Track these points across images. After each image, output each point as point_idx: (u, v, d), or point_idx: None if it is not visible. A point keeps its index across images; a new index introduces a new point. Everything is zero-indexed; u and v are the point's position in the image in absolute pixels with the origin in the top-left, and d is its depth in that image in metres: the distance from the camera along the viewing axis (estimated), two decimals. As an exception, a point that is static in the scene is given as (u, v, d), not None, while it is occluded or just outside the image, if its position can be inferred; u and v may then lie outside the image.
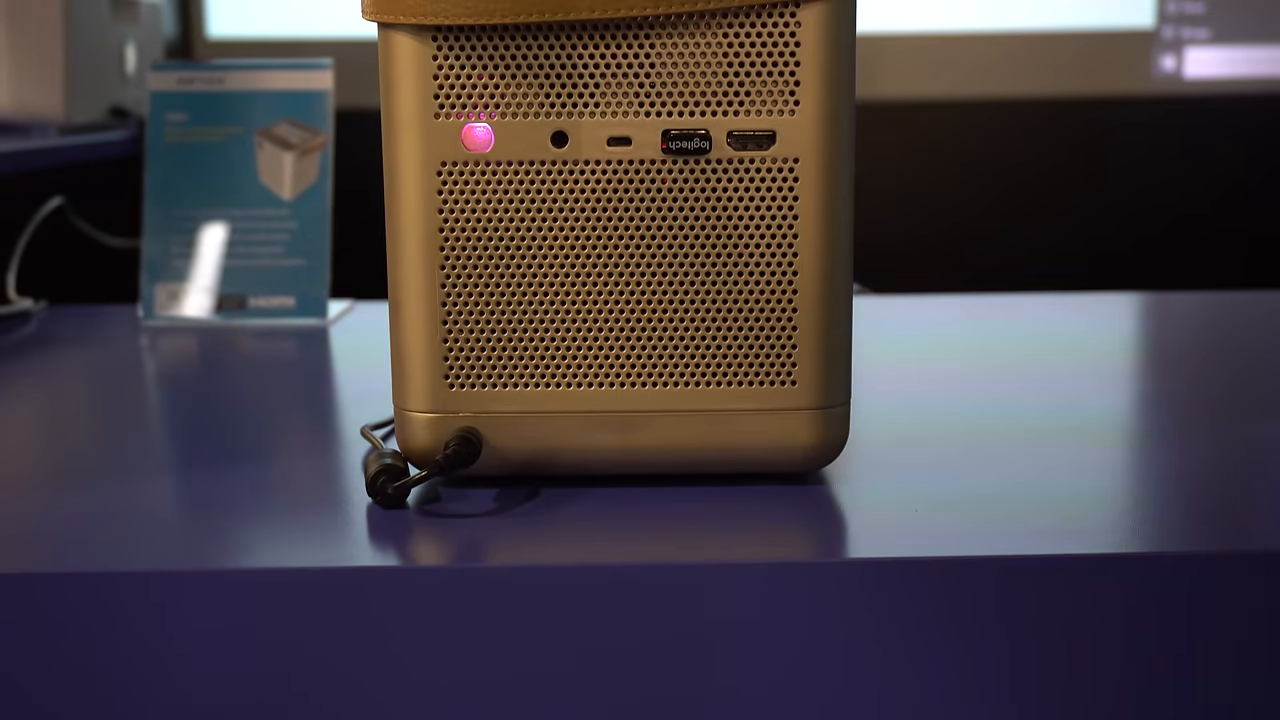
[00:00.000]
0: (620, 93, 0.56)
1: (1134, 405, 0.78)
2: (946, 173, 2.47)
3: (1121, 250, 2.47)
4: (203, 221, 1.01)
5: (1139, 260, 2.47)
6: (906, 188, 2.44)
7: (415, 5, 0.55)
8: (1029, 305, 1.07)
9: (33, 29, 1.40)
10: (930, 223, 2.46)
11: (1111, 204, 2.47)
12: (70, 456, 0.68)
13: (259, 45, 2.42)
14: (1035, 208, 2.48)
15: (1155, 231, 2.46)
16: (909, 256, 2.40)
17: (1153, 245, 2.46)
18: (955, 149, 2.47)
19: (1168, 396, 0.79)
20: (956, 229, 2.47)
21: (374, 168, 0.61)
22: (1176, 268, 2.45)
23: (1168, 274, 2.44)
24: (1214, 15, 2.42)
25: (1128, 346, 0.98)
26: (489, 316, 0.58)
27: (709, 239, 0.57)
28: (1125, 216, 2.47)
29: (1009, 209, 2.48)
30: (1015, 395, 0.77)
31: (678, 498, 0.58)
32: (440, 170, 0.57)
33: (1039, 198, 2.48)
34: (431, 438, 0.58)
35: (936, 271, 2.42)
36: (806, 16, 0.55)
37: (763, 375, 0.58)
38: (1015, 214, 2.48)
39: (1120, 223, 2.47)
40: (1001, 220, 2.48)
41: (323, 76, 1.01)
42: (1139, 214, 2.47)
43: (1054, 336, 0.94)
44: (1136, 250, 2.47)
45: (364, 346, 0.93)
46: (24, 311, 1.05)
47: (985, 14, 2.43)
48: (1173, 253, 2.46)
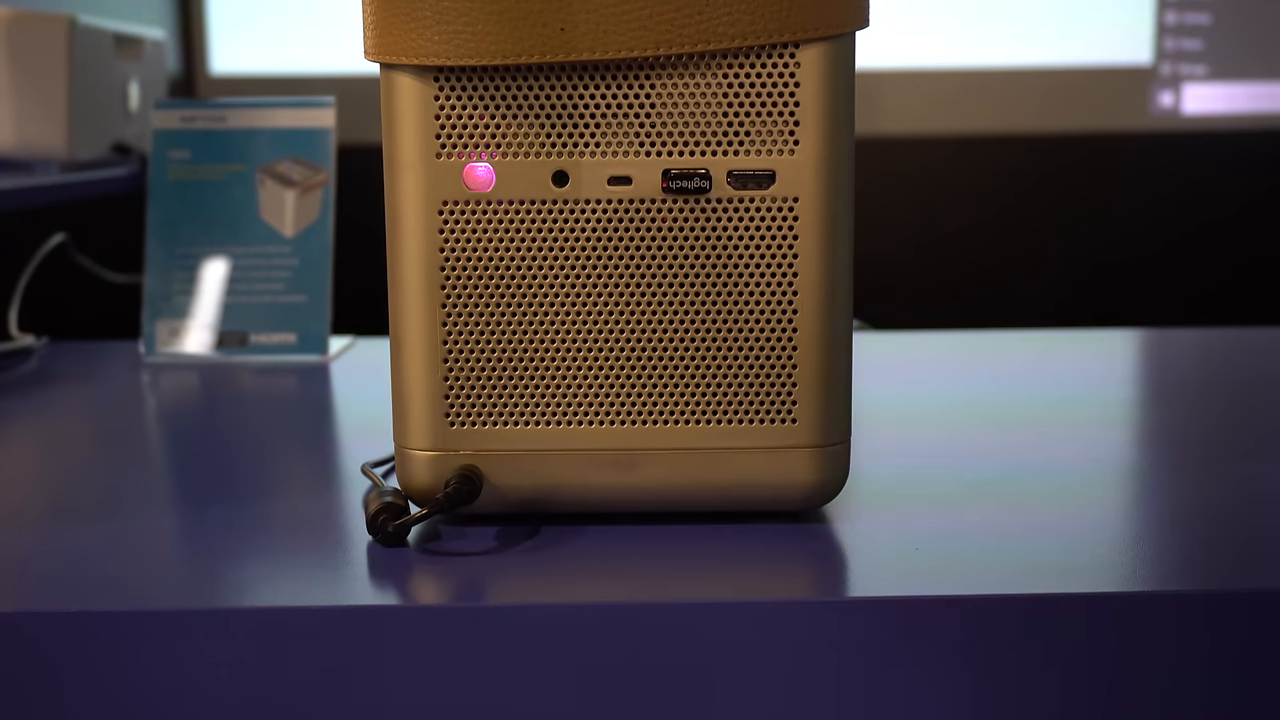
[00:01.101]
0: (621, 133, 0.57)
1: (1132, 442, 0.78)
2: (948, 207, 2.48)
3: (1121, 284, 2.47)
4: (205, 258, 1.02)
5: (1138, 295, 2.47)
6: (907, 222, 2.44)
7: (417, 46, 0.55)
8: (1028, 342, 1.07)
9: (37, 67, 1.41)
10: (930, 256, 2.47)
11: (1112, 238, 2.48)
12: (70, 494, 0.68)
13: (261, 81, 2.43)
14: (1036, 242, 2.48)
15: (1154, 266, 2.47)
16: (908, 290, 2.40)
17: (1152, 280, 2.47)
18: (957, 184, 2.48)
19: (1166, 433, 0.79)
20: (957, 263, 2.48)
21: (375, 203, 0.61)
22: (1176, 303, 2.46)
23: (1168, 309, 2.44)
24: (1212, 52, 2.44)
25: (1127, 383, 0.98)
26: (490, 355, 0.58)
27: (709, 278, 0.57)
28: (1125, 251, 2.48)
29: (1010, 243, 2.48)
30: (1014, 433, 0.77)
31: (678, 535, 0.58)
32: (442, 209, 0.57)
33: (1040, 232, 2.48)
34: (432, 476, 0.58)
35: (936, 305, 2.43)
36: (806, 57, 0.56)
37: (763, 413, 0.58)
38: (1016, 248, 2.49)
39: (1120, 257, 2.48)
40: (1002, 254, 2.48)
41: (325, 114, 1.02)
42: (1139, 249, 2.47)
43: (1053, 374, 0.94)
44: (1136, 285, 2.47)
45: (365, 383, 0.93)
46: (26, 348, 1.05)
47: (986, 51, 2.44)
48: (1172, 288, 2.46)
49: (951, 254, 2.47)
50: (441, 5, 0.55)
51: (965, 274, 2.47)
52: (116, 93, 1.57)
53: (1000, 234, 2.48)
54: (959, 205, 2.47)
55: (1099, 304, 2.47)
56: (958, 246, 2.48)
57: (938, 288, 2.46)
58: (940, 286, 2.47)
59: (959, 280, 2.47)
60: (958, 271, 2.47)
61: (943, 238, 2.47)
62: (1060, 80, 2.44)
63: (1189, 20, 2.43)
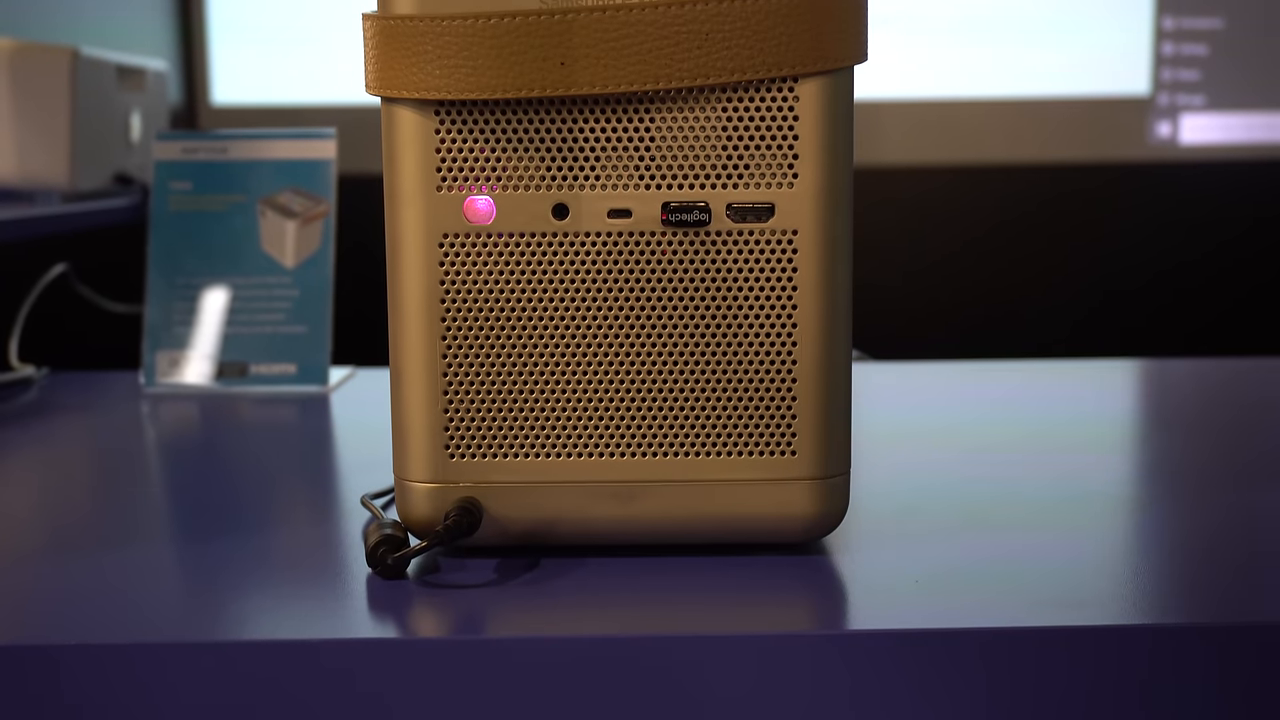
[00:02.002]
0: (620, 165, 0.57)
1: (1133, 474, 0.78)
2: (945, 237, 2.48)
3: (1119, 314, 2.48)
4: (205, 289, 1.02)
5: (1136, 324, 2.48)
6: (904, 251, 2.45)
7: (418, 81, 0.56)
8: (1027, 372, 1.08)
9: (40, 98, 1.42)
10: (928, 286, 2.47)
11: (1109, 268, 2.49)
12: (70, 526, 0.68)
13: (262, 112, 2.44)
14: (1034, 271, 2.49)
15: (1151, 296, 2.47)
16: (906, 318, 2.41)
17: (1149, 309, 2.47)
18: (954, 213, 2.49)
19: (1166, 465, 0.79)
20: (955, 292, 2.48)
21: (375, 232, 0.62)
22: (1174, 332, 2.46)
23: (1166, 338, 2.44)
24: (1209, 82, 2.45)
25: (1126, 414, 0.98)
26: (490, 387, 0.58)
27: (709, 310, 0.57)
28: (1122, 281, 2.48)
29: (1008, 272, 2.49)
30: (1014, 464, 0.77)
31: (678, 568, 0.58)
32: (442, 242, 0.57)
33: (1038, 262, 2.49)
34: (432, 508, 0.58)
35: (935, 334, 2.43)
36: (805, 91, 0.56)
37: (762, 445, 0.58)
38: (1014, 277, 2.49)
39: (1117, 287, 2.48)
40: (1000, 284, 2.49)
41: (326, 146, 1.02)
42: (1136, 278, 2.48)
43: (1053, 404, 0.94)
44: (1134, 314, 2.48)
45: (365, 414, 0.93)
46: (26, 378, 1.05)
47: (984, 81, 2.45)
48: (1170, 317, 2.47)
49: (949, 283, 2.48)
50: (442, 40, 0.55)
51: (963, 303, 2.48)
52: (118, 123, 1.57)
53: (998, 264, 2.49)
54: (957, 235, 2.48)
55: (1097, 334, 2.47)
56: (955, 276, 2.48)
57: (935, 317, 2.47)
58: (938, 315, 2.47)
59: (957, 309, 2.48)
60: (955, 301, 2.48)
61: (940, 267, 2.48)
62: (1058, 110, 2.45)
63: (1186, 51, 2.44)
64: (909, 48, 2.43)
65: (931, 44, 2.43)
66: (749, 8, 0.55)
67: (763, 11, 0.55)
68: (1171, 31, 2.44)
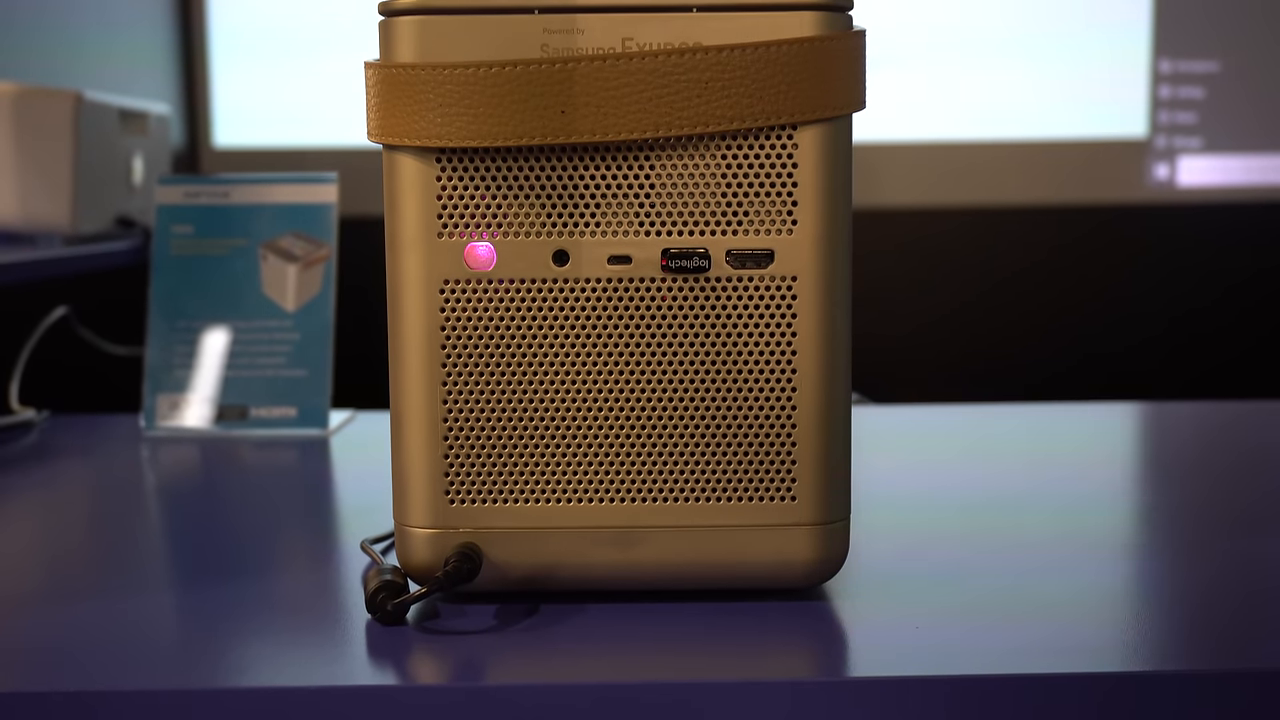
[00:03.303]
0: (620, 212, 0.57)
1: (1134, 518, 0.78)
2: (944, 279, 2.49)
3: (1118, 356, 2.48)
4: (206, 332, 1.02)
5: (1135, 366, 2.48)
6: (902, 293, 2.46)
7: (420, 128, 0.56)
8: (1027, 415, 1.08)
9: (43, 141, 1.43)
10: (927, 328, 2.47)
11: (1108, 310, 2.49)
12: (69, 571, 0.68)
13: (264, 154, 2.45)
14: (1033, 313, 2.49)
15: (1151, 338, 2.48)
16: (905, 361, 2.41)
17: (1148, 351, 2.48)
18: (952, 256, 2.49)
19: (1168, 509, 0.79)
20: (953, 334, 2.48)
21: (376, 274, 0.62)
22: (1173, 375, 2.46)
23: (1165, 381, 2.45)
24: (1206, 125, 2.46)
25: (1126, 457, 0.98)
26: (490, 433, 0.58)
27: (708, 356, 0.58)
28: (1121, 323, 2.49)
29: (1007, 314, 2.49)
30: (1015, 508, 0.77)
31: (678, 614, 0.58)
32: (443, 288, 0.57)
33: (1037, 304, 2.49)
34: (431, 553, 0.58)
35: (934, 376, 2.43)
36: (804, 138, 0.57)
37: (763, 491, 0.58)
38: (1013, 319, 2.49)
39: (1116, 329, 2.49)
40: (999, 326, 2.49)
41: (327, 190, 1.03)
42: (1135, 320, 2.48)
43: (1053, 447, 0.94)
44: (1133, 356, 2.48)
45: (365, 457, 0.93)
46: (26, 422, 1.05)
47: (982, 124, 2.47)
48: (1169, 360, 2.47)
49: (948, 325, 2.48)
50: (444, 89, 0.56)
51: (962, 345, 2.48)
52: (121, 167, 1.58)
53: (997, 305, 2.49)
54: (955, 277, 2.49)
55: (1096, 376, 2.47)
56: (954, 318, 2.48)
57: (934, 359, 2.47)
58: (936, 357, 2.47)
59: (955, 351, 2.48)
60: (954, 343, 2.48)
61: (939, 309, 2.48)
62: (1056, 153, 2.46)
63: (1183, 94, 2.46)
64: (906, 90, 2.44)
65: (929, 87, 2.45)
66: (748, 57, 0.55)
67: (762, 60, 0.55)
68: (1168, 75, 2.45)
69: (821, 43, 0.56)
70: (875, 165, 2.42)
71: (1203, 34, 2.45)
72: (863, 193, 0.63)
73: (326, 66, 2.40)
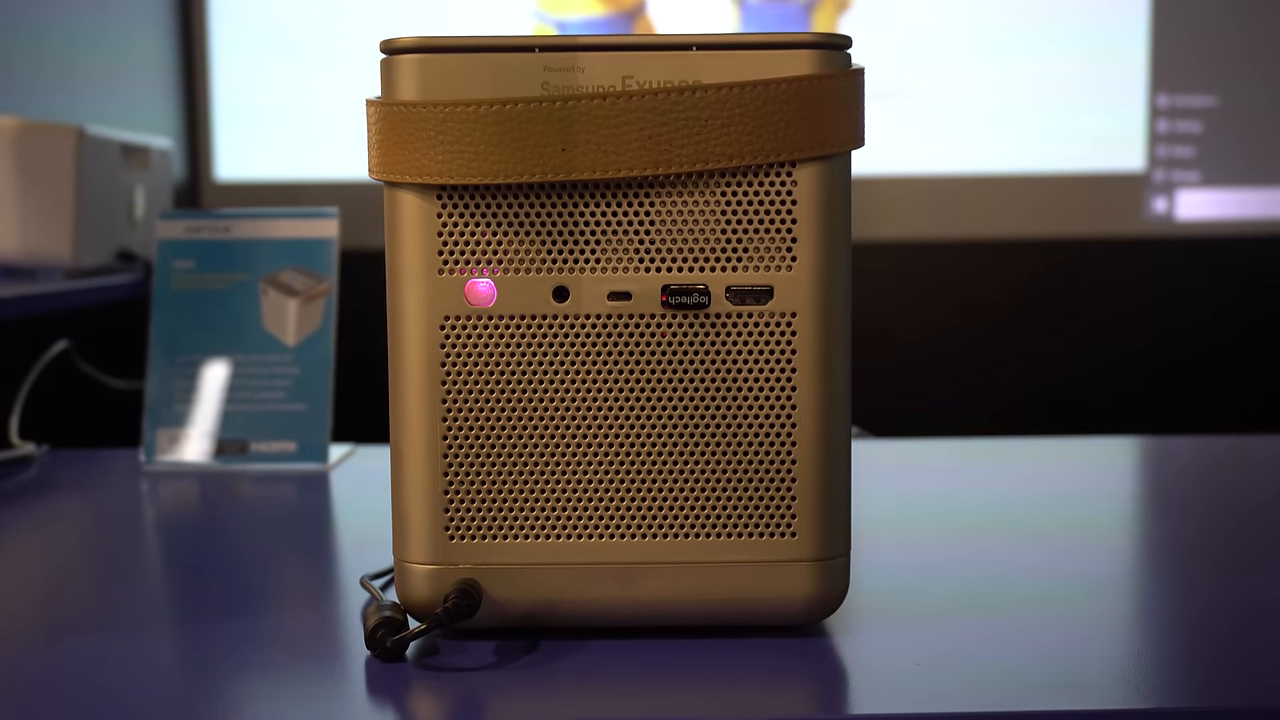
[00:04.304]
0: (620, 248, 0.57)
1: (1134, 554, 0.78)
2: (944, 311, 2.49)
3: (1117, 388, 2.48)
4: (206, 366, 1.02)
5: (1134, 400, 2.48)
6: (901, 325, 2.46)
7: (421, 166, 0.56)
8: (1026, 449, 1.08)
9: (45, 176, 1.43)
10: (926, 360, 2.48)
11: (1107, 342, 2.49)
12: (69, 608, 0.68)
13: (265, 187, 2.46)
14: (1032, 345, 2.50)
15: (1150, 371, 2.48)
16: (904, 393, 2.41)
17: (1147, 385, 2.48)
18: (952, 288, 2.50)
19: (1167, 545, 0.79)
20: (951, 365, 2.48)
21: (376, 306, 0.62)
22: (1172, 408, 2.46)
23: (1163, 414, 2.45)
24: (1204, 159, 2.47)
25: (1126, 492, 0.98)
26: (490, 469, 0.58)
27: (708, 392, 0.58)
28: (1119, 356, 2.49)
29: (1005, 347, 2.50)
30: (1015, 544, 0.77)
31: (678, 650, 0.58)
32: (443, 324, 0.58)
33: (1035, 335, 2.50)
34: (431, 590, 0.58)
35: (932, 409, 2.43)
36: (803, 176, 0.57)
37: (762, 527, 0.58)
38: (1011, 351, 2.50)
39: (1114, 361, 2.49)
40: (997, 357, 2.49)
41: (328, 225, 1.03)
42: (1133, 354, 2.48)
43: (1053, 481, 0.94)
44: (1132, 389, 2.48)
45: (365, 492, 0.93)
46: (26, 456, 1.05)
47: (982, 157, 2.48)
48: (1168, 393, 2.47)
49: (947, 358, 2.48)
50: (445, 126, 0.56)
51: (961, 378, 2.48)
52: (122, 201, 1.59)
53: (995, 338, 2.50)
54: (955, 309, 2.49)
55: (1095, 409, 2.48)
56: (953, 350, 2.49)
57: (933, 391, 2.47)
58: (936, 390, 2.47)
59: (954, 383, 2.48)
60: (953, 375, 2.48)
61: (936, 340, 2.48)
62: (1055, 186, 2.47)
63: (1180, 128, 2.47)
64: (905, 124, 2.45)
65: (928, 120, 2.46)
66: (748, 95, 0.56)
67: (761, 98, 0.56)
68: (1165, 109, 2.46)
69: (820, 81, 0.56)
70: (872, 197, 2.43)
71: (1200, 69, 2.47)
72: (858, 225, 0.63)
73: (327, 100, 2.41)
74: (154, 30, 2.39)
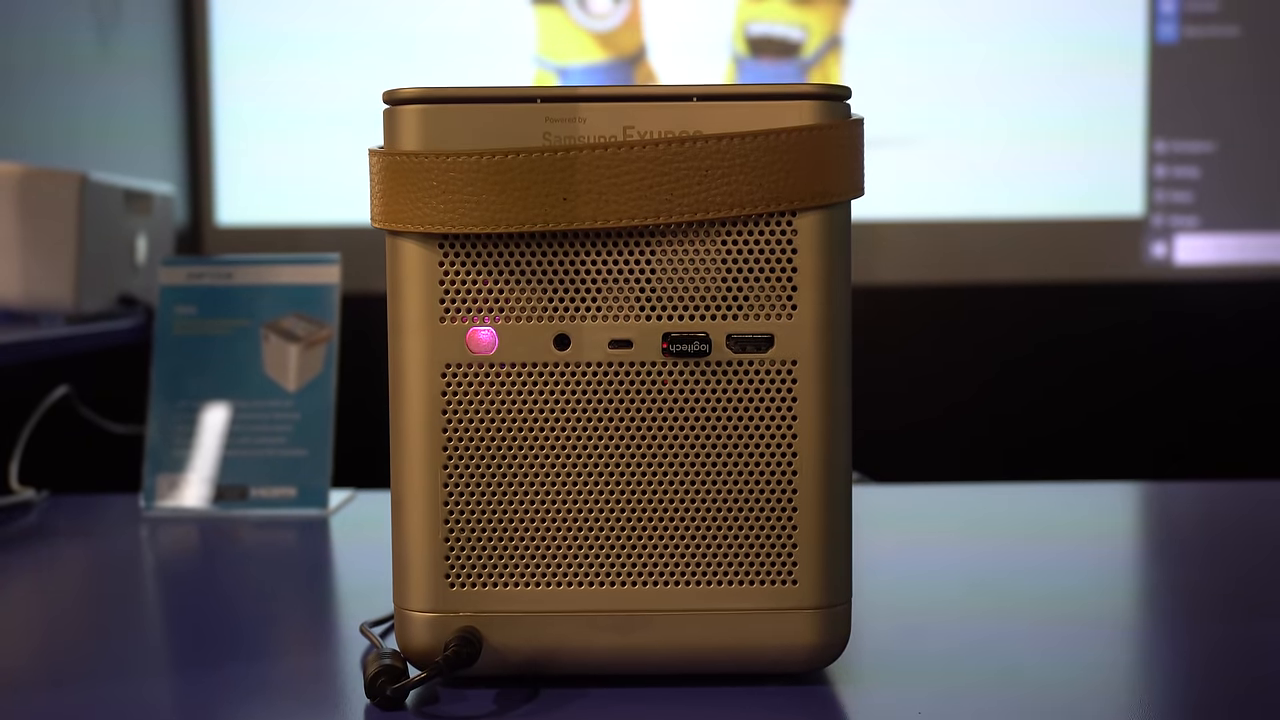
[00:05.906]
0: (621, 297, 0.58)
1: (1135, 599, 0.78)
2: (943, 355, 2.50)
3: (1116, 433, 2.48)
4: (207, 411, 1.02)
5: (1133, 444, 2.48)
6: (900, 369, 2.46)
7: (423, 215, 0.57)
8: (1027, 494, 1.08)
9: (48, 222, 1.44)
10: (925, 405, 2.48)
11: (1106, 387, 2.49)
12: (67, 653, 0.68)
13: (267, 232, 2.47)
14: (1032, 390, 2.50)
15: (1148, 416, 2.48)
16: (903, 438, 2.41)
17: (1148, 428, 2.48)
18: (951, 332, 2.50)
19: (1168, 588, 0.79)
20: (951, 409, 2.48)
21: (378, 351, 0.62)
22: (1170, 452, 2.46)
23: (1162, 458, 2.44)
24: (1202, 204, 2.48)
25: (1127, 537, 0.98)
26: (490, 516, 0.58)
27: (709, 440, 0.58)
28: (1118, 400, 2.49)
29: (1003, 391, 2.50)
30: (1016, 589, 0.76)
31: (678, 699, 0.58)
32: (445, 372, 0.58)
33: (1034, 379, 2.50)
34: (431, 637, 0.58)
35: (932, 454, 2.43)
36: (803, 224, 0.57)
37: (763, 575, 0.58)
38: (1011, 397, 2.50)
39: (1113, 406, 2.49)
40: (996, 401, 2.49)
41: (330, 271, 1.03)
42: (1132, 398, 2.48)
43: (1053, 526, 0.94)
44: (1131, 433, 2.48)
45: (365, 538, 0.93)
46: (25, 502, 1.05)
47: (980, 202, 2.49)
48: (1168, 436, 2.47)
49: (947, 402, 2.48)
50: (447, 176, 0.56)
51: (960, 422, 2.48)
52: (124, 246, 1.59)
53: (996, 382, 2.50)
54: (954, 354, 2.49)
55: (1094, 453, 2.47)
56: (953, 395, 2.49)
57: (933, 436, 2.47)
58: (935, 434, 2.47)
59: (954, 428, 2.48)
60: (953, 420, 2.48)
61: (937, 385, 2.49)
62: (1054, 231, 2.48)
63: (1178, 174, 2.48)
64: (904, 169, 2.47)
65: (927, 166, 2.47)
66: (748, 145, 0.56)
67: (761, 148, 0.56)
68: (1163, 155, 2.48)
69: (820, 131, 0.57)
70: (873, 243, 2.43)
71: (1197, 115, 2.48)
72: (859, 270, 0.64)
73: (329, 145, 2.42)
74: (156, 76, 2.41)
